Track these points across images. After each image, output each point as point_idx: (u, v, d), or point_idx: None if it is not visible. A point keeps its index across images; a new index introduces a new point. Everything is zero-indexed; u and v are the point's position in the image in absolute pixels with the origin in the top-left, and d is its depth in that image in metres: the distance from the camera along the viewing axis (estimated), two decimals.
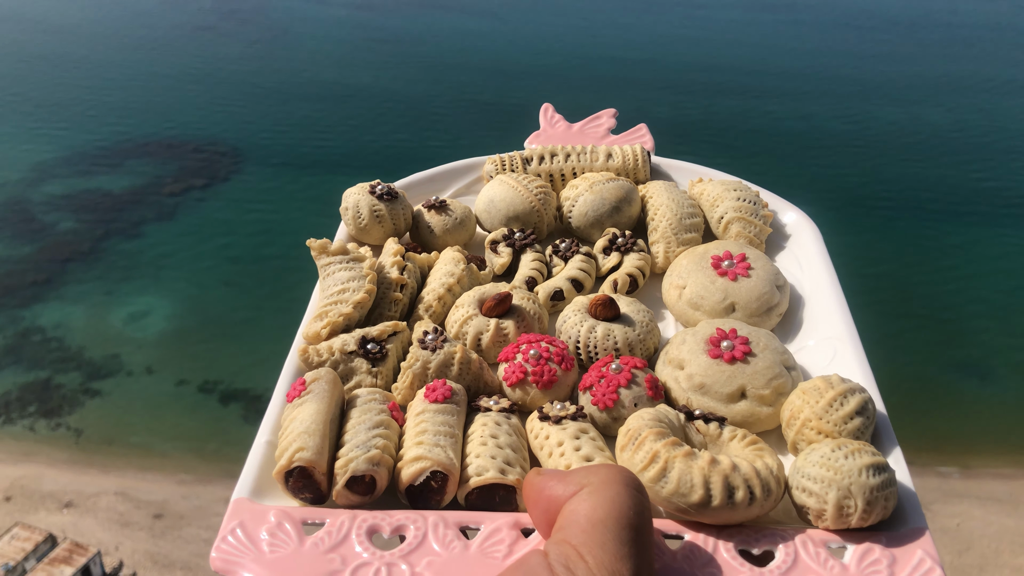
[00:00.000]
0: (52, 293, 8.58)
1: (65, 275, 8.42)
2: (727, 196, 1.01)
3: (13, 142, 4.13)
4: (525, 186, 1.02)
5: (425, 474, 0.71)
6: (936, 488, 6.09)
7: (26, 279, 3.22)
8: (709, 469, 0.67)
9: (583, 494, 0.60)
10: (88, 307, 10.60)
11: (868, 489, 0.66)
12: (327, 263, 0.91)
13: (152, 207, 10.31)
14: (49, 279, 6.97)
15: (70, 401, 11.00)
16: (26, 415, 10.93)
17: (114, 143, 3.87)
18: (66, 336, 10.53)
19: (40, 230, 3.53)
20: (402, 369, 0.81)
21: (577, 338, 0.86)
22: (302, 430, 0.72)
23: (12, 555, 11.01)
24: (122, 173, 3.89)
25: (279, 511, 0.70)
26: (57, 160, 3.98)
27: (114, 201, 10.48)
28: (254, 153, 8.83)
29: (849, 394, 0.75)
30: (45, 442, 11.04)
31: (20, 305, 6.87)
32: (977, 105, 11.20)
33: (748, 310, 0.89)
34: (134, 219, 10.26)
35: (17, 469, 11.61)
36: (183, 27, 5.45)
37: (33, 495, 11.44)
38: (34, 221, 3.58)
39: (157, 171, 8.74)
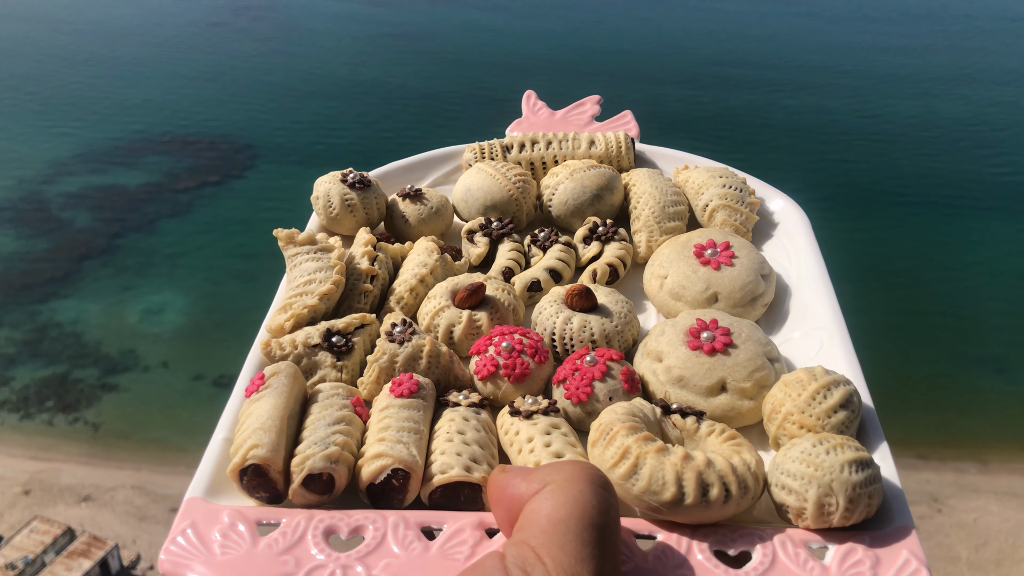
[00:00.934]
0: (69, 289, 8.63)
1: (82, 271, 8.47)
2: (712, 183, 0.97)
3: (31, 140, 4.16)
4: (503, 174, 0.98)
5: (386, 472, 0.68)
6: (953, 483, 6.01)
7: (44, 275, 3.25)
8: (682, 465, 0.64)
9: (545, 492, 0.57)
10: (104, 303, 10.67)
11: (850, 486, 0.62)
12: (294, 253, 0.88)
13: (167, 203, 10.35)
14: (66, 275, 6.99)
15: (87, 396, 11.08)
16: (44, 410, 11.02)
17: (129, 140, 3.88)
18: (83, 331, 10.60)
19: (57, 226, 3.56)
20: (368, 363, 0.78)
21: (552, 330, 0.83)
22: (257, 426, 0.69)
23: (31, 548, 11.11)
24: (137, 170, 3.90)
25: (233, 511, 0.67)
26: (74, 157, 4.00)
27: (130, 197, 10.53)
28: (268, 149, 8.84)
29: (833, 386, 0.71)
30: (63, 436, 11.13)
31: (38, 301, 6.90)
32: (995, 98, 11.05)
33: (731, 300, 0.86)
34: (149, 215, 10.30)
35: (36, 463, 11.71)
36: (197, 24, 5.46)
37: (51, 489, 11.54)
38: (51, 218, 3.60)
39: (172, 167, 8.77)
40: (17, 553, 11.14)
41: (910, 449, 4.37)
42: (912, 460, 5.02)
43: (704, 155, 1.04)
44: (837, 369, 0.77)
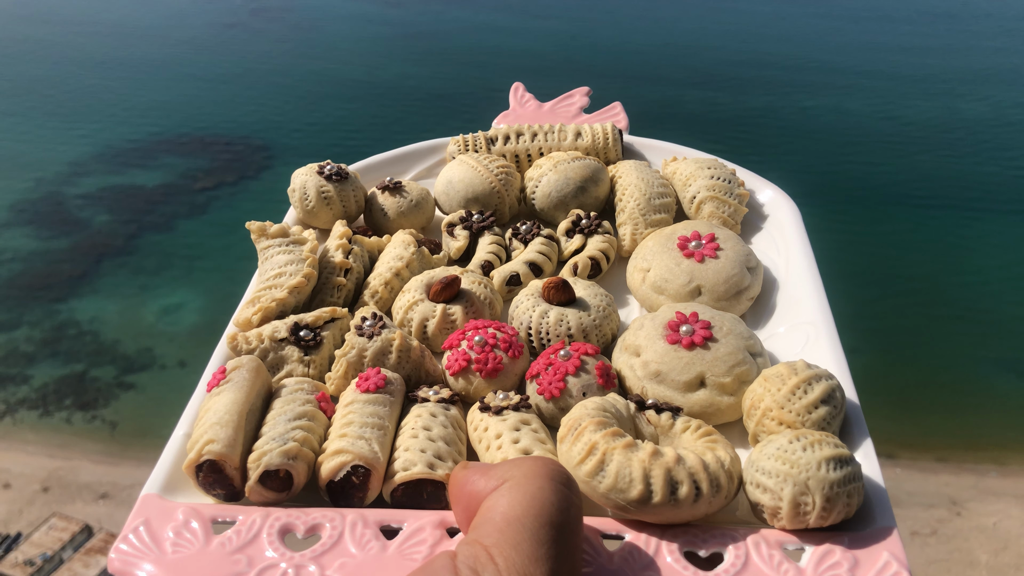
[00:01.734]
0: (87, 287, 8.69)
1: (99, 270, 8.52)
2: (700, 174, 0.94)
3: (49, 141, 4.18)
4: (485, 166, 0.96)
5: (345, 469, 0.66)
6: (972, 486, 5.92)
7: (62, 274, 3.27)
8: (650, 462, 0.61)
9: (502, 489, 0.55)
10: (122, 301, 10.74)
11: (827, 484, 0.59)
12: (266, 246, 0.86)
13: (184, 202, 10.40)
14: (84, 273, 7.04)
15: (105, 394, 11.14)
16: (62, 408, 11.09)
17: (147, 140, 3.90)
18: (101, 330, 10.67)
19: (75, 225, 3.57)
20: (336, 357, 0.76)
21: (529, 324, 0.81)
22: (214, 421, 0.67)
23: (49, 545, 11.20)
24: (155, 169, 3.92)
25: (188, 508, 0.65)
26: (91, 157, 4.02)
27: (147, 197, 10.60)
28: (284, 150, 8.87)
29: (814, 381, 0.68)
30: (81, 434, 11.19)
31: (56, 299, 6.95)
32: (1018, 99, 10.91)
33: (715, 293, 0.83)
34: (167, 214, 10.36)
35: (54, 461, 11.78)
36: (214, 25, 5.47)
37: (69, 486, 11.62)
38: (69, 217, 3.62)
39: (189, 167, 8.82)
40: (36, 550, 11.23)
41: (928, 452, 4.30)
42: (931, 463, 4.94)
43: (724, 158, 1.01)
44: (823, 364, 0.74)
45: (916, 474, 4.16)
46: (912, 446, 3.29)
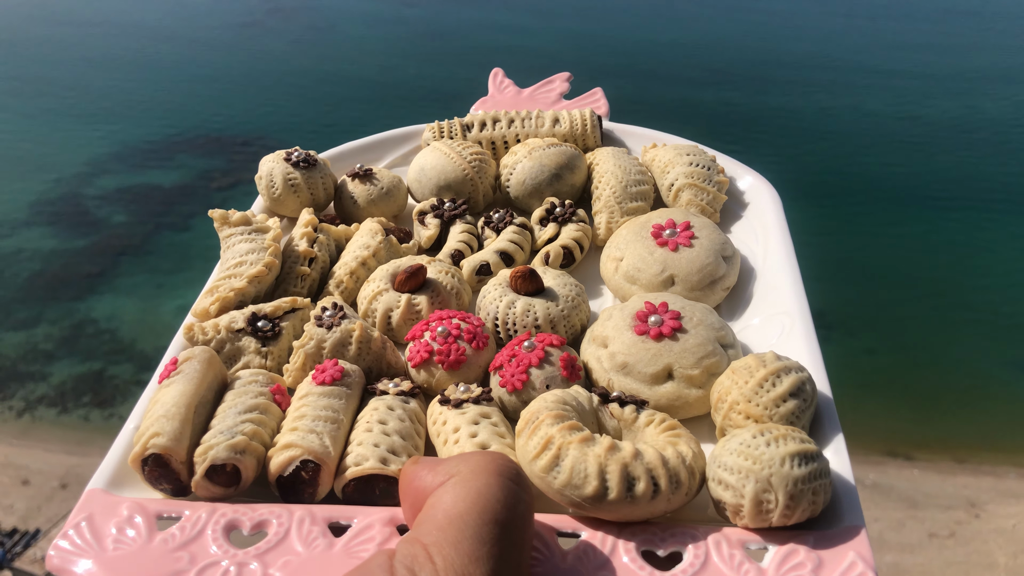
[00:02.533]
0: (105, 286, 8.74)
1: (118, 268, 8.57)
2: (679, 161, 0.91)
3: (68, 141, 4.22)
4: (459, 153, 0.93)
5: (294, 463, 0.63)
6: (991, 488, 5.83)
7: (80, 272, 3.30)
8: (606, 457, 0.58)
9: (448, 485, 0.52)
10: (139, 299, 10.80)
11: (791, 481, 0.56)
12: (228, 234, 0.84)
13: (201, 201, 10.44)
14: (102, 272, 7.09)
15: (123, 392, 11.21)
16: (81, 405, 11.18)
17: (164, 139, 3.92)
18: (119, 328, 10.74)
19: (93, 224, 3.60)
20: (294, 349, 0.74)
21: (496, 314, 0.78)
22: (161, 414, 0.65)
23: None
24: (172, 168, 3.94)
25: (133, 504, 0.63)
26: (110, 156, 4.05)
27: (164, 195, 10.66)
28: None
29: (783, 373, 0.65)
30: (99, 432, 11.27)
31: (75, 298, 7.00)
32: None
33: (689, 283, 0.80)
34: (184, 213, 10.41)
35: (72, 458, 11.88)
36: (231, 24, 5.49)
37: (88, 483, 11.69)
38: (88, 215, 3.65)
39: (206, 166, 8.85)
40: None
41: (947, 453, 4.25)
42: (949, 464, 4.87)
43: (739, 157, 0.97)
44: (797, 357, 0.71)
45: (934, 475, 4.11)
46: (930, 447, 3.24)
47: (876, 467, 3.25)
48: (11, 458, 11.78)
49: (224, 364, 0.75)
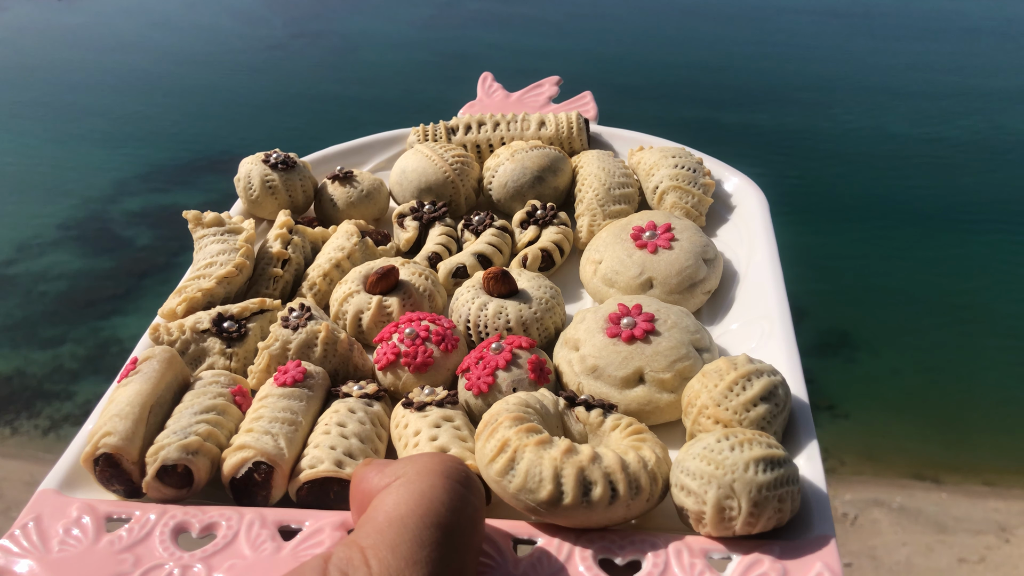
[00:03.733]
0: (130, 306, 8.80)
1: (142, 288, 8.62)
2: (664, 164, 0.89)
3: (96, 162, 4.28)
4: (440, 155, 0.92)
5: (247, 465, 0.62)
6: (1021, 512, 5.68)
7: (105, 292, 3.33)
8: (562, 460, 0.56)
9: (392, 487, 0.50)
10: None
11: (755, 487, 0.54)
12: (201, 235, 0.83)
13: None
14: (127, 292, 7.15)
15: None
16: None
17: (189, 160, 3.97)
18: None
19: (119, 245, 3.64)
20: (259, 350, 0.72)
21: (468, 316, 0.76)
22: (114, 413, 0.63)
23: None
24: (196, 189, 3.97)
25: (83, 505, 0.61)
26: (135, 177, 4.10)
27: None
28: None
29: (754, 376, 0.62)
30: None
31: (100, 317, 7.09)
32: None
33: (667, 286, 0.77)
34: None
35: None
36: (256, 47, 5.55)
37: None
38: (113, 237, 3.69)
39: (229, 187, 8.88)
40: None
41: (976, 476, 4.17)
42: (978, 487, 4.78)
43: (760, 179, 0.95)
44: (775, 361, 0.68)
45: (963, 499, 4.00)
46: (959, 470, 3.16)
47: (903, 490, 3.18)
48: (36, 475, 11.92)
49: (189, 365, 0.73)
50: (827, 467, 3.03)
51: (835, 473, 3.09)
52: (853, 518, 3.01)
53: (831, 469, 3.12)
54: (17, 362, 3.19)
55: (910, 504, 3.81)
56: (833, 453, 3.14)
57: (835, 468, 3.11)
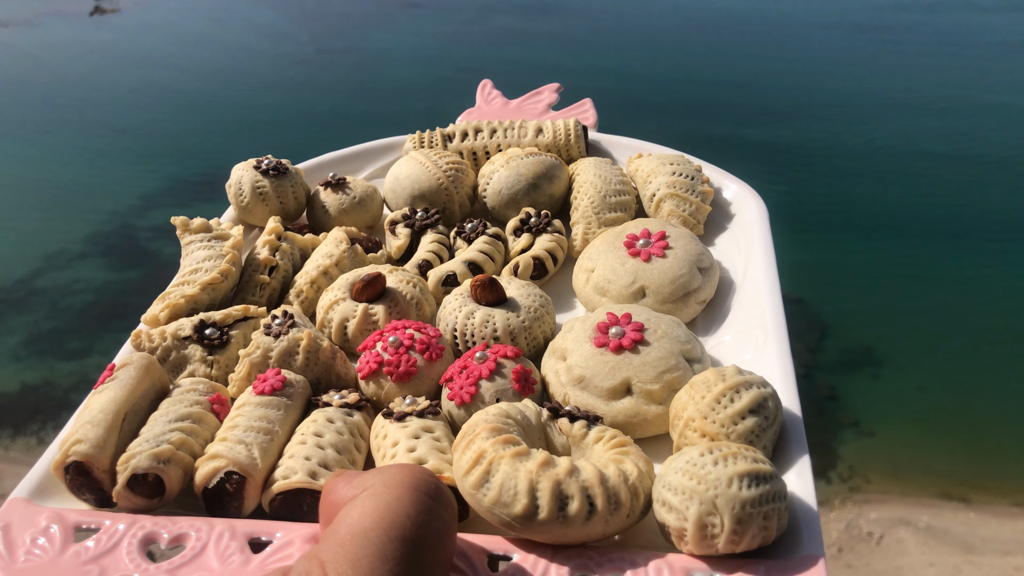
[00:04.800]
0: None
1: None
2: (661, 171, 0.87)
3: (123, 176, 4.34)
4: (434, 162, 0.90)
5: (219, 475, 0.60)
6: None
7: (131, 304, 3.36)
8: (538, 473, 0.54)
9: (359, 499, 0.49)
10: None
11: (738, 503, 0.51)
12: (189, 241, 0.81)
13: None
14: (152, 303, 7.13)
15: None
16: None
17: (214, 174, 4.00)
18: None
19: (144, 257, 3.68)
20: (240, 358, 0.71)
21: (455, 325, 0.74)
22: (86, 420, 0.62)
23: None
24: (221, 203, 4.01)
25: (52, 514, 0.60)
26: (162, 190, 4.15)
27: None
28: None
29: (743, 388, 0.60)
30: None
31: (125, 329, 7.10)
32: None
33: (660, 295, 0.75)
34: None
35: None
36: (283, 61, 5.62)
37: None
38: (139, 250, 3.73)
39: None
40: None
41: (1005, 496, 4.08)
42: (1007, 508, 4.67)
43: (783, 196, 0.93)
44: (768, 373, 0.66)
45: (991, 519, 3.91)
46: (987, 489, 3.08)
47: (930, 509, 3.11)
48: None
49: (169, 372, 0.72)
50: (851, 485, 2.96)
51: (860, 491, 3.03)
52: (879, 537, 2.95)
53: (855, 487, 3.06)
54: (43, 373, 3.21)
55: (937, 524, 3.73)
56: (858, 471, 3.07)
57: (860, 486, 3.05)
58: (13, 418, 3.04)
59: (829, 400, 3.11)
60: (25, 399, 3.18)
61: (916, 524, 3.50)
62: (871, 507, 2.96)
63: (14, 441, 2.96)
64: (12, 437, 2.96)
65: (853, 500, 2.88)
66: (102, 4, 6.52)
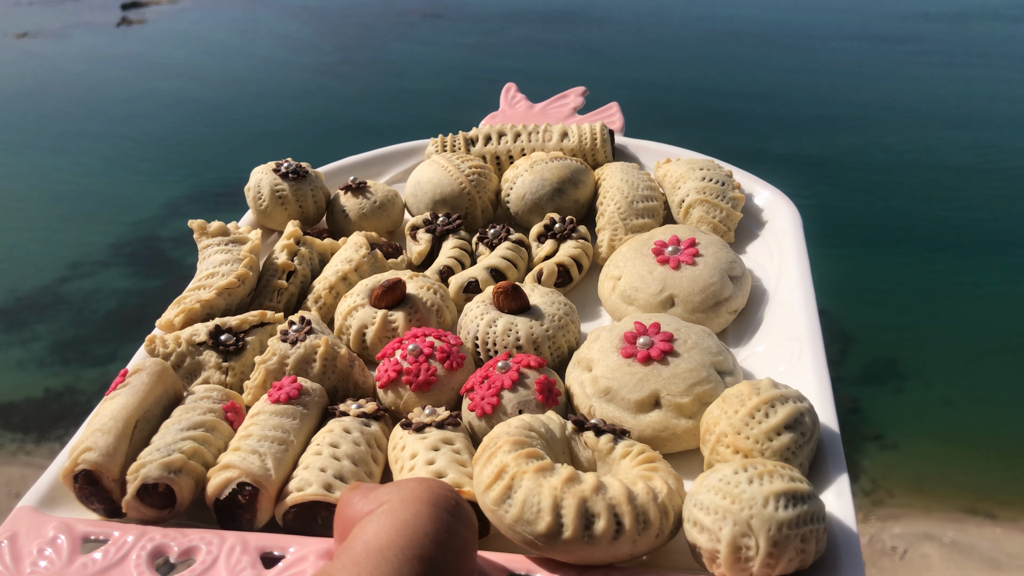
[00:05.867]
0: None
1: None
2: (691, 176, 0.84)
3: (147, 184, 4.37)
4: (456, 166, 0.88)
5: (231, 486, 0.58)
6: None
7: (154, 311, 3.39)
8: (563, 489, 0.51)
9: (375, 514, 0.46)
10: None
11: (775, 524, 0.48)
12: (206, 245, 0.80)
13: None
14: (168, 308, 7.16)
15: None
16: None
17: (237, 183, 4.04)
18: None
19: (167, 265, 3.69)
20: (256, 364, 0.69)
21: (476, 333, 0.72)
22: (97, 427, 0.60)
23: None
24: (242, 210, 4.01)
25: (61, 524, 0.58)
26: (185, 199, 4.17)
27: None
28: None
29: (779, 402, 0.57)
30: None
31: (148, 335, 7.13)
32: None
33: (690, 304, 0.72)
34: None
35: None
36: (306, 72, 5.66)
37: None
38: (163, 257, 3.75)
39: None
40: None
41: None
42: None
43: (807, 207, 0.90)
44: (804, 386, 0.63)
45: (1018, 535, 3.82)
46: (1013, 504, 3.01)
47: (955, 524, 3.04)
48: None
49: (184, 379, 0.70)
50: (874, 499, 2.90)
51: (883, 505, 2.97)
52: (902, 552, 2.89)
53: (879, 501, 3.00)
54: (67, 379, 3.23)
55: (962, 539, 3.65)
56: (881, 485, 3.01)
57: (883, 500, 2.99)
58: (38, 423, 3.05)
59: (852, 413, 3.05)
60: (49, 405, 3.19)
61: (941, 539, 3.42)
62: (895, 521, 2.90)
63: (38, 446, 2.97)
64: (36, 442, 2.97)
65: (876, 514, 2.82)
66: (129, 15, 6.59)
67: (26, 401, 3.12)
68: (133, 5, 6.65)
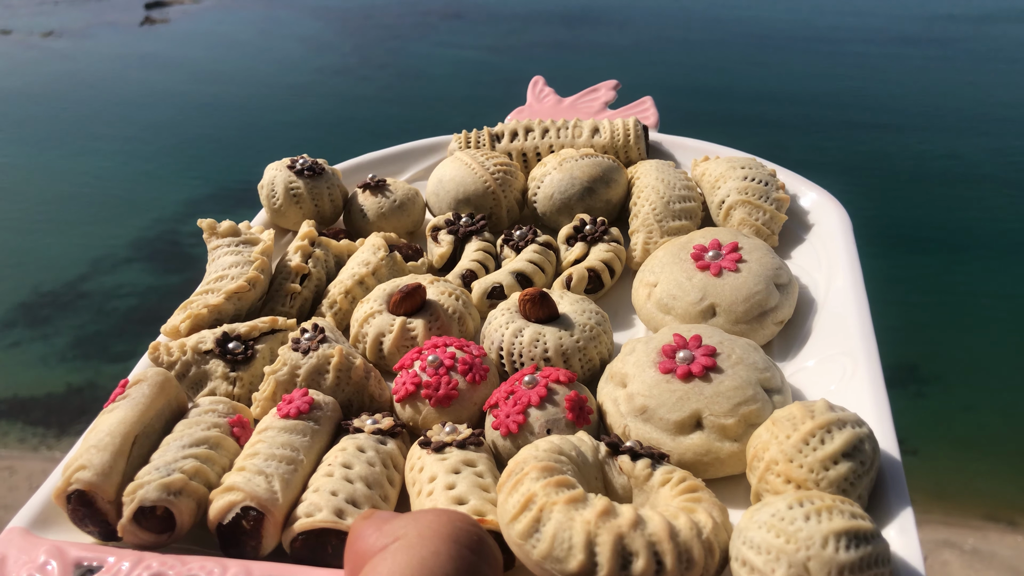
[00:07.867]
0: None
1: None
2: (732, 175, 0.79)
3: (167, 183, 4.36)
4: (480, 164, 0.83)
5: (235, 509, 0.53)
6: None
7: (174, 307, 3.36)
8: (597, 524, 0.46)
9: (389, 550, 0.42)
10: None
11: (835, 568, 0.43)
12: (216, 246, 0.75)
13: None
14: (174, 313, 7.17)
15: None
16: None
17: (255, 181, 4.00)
18: None
19: (187, 262, 3.69)
20: (265, 375, 0.64)
21: (500, 343, 0.67)
22: (92, 444, 0.56)
23: None
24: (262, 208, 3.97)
25: (52, 547, 0.54)
26: (205, 197, 4.15)
27: None
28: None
29: (835, 427, 0.51)
30: None
31: None
32: None
33: (733, 314, 0.67)
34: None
35: None
36: (326, 71, 5.62)
37: None
38: (182, 255, 3.74)
39: None
40: None
41: None
42: None
43: None
44: (859, 407, 0.57)
45: None
46: None
47: (976, 532, 2.96)
48: None
49: (188, 390, 0.66)
50: None
51: None
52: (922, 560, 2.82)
53: None
54: (88, 375, 3.23)
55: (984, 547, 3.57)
56: None
57: None
58: (59, 418, 3.05)
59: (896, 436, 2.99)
60: (70, 400, 3.19)
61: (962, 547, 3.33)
62: None
63: (59, 441, 2.96)
64: (57, 437, 2.97)
65: None
66: (152, 15, 6.61)
67: (48, 396, 3.11)
68: (156, 5, 6.67)
